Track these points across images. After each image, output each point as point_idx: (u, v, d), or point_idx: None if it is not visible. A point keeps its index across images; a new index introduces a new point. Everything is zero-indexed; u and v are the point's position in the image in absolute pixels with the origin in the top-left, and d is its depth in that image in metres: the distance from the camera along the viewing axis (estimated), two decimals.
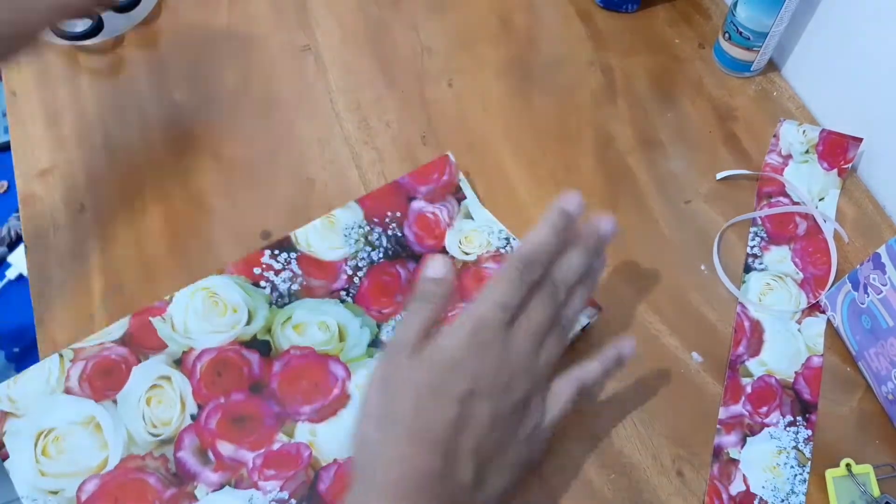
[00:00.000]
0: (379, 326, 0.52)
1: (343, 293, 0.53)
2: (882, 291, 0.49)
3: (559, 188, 0.61)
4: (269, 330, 0.51)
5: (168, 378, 0.48)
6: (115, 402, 0.47)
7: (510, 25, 0.72)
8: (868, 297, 0.50)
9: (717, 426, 0.51)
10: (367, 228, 0.56)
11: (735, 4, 0.64)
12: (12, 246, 1.43)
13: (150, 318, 0.50)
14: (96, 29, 0.65)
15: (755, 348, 0.54)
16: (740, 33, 0.65)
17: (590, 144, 0.64)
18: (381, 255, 0.55)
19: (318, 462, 0.46)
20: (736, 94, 0.68)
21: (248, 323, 0.51)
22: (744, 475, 0.49)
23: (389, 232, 0.56)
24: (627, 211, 0.60)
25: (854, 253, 0.59)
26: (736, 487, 0.48)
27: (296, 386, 0.49)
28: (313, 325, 0.51)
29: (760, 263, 0.58)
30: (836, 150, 0.62)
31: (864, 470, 0.48)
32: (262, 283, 0.53)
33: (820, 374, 0.53)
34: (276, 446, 0.46)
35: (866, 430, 0.51)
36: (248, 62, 0.68)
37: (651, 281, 0.57)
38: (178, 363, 0.49)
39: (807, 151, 0.63)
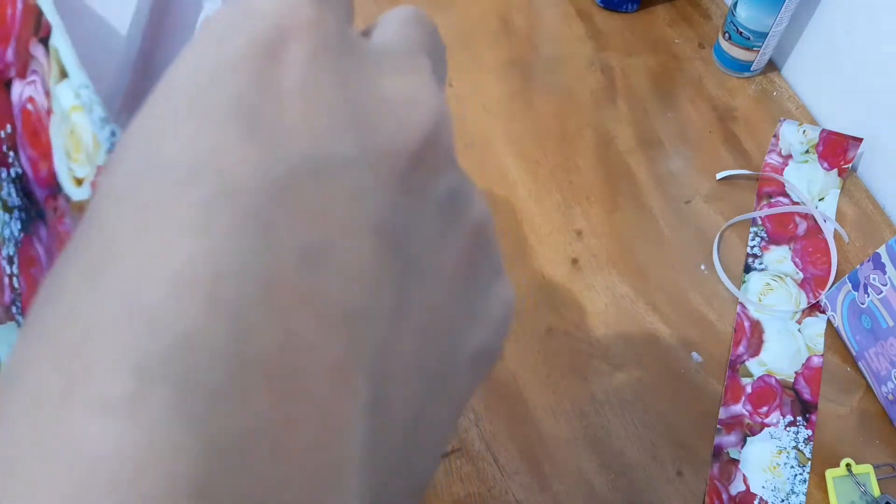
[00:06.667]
0: None
1: (14, 310, 0.34)
2: (882, 291, 0.49)
3: (559, 188, 0.61)
4: None
5: None
6: None
7: (510, 25, 0.72)
8: (868, 297, 0.50)
9: (717, 426, 0.51)
10: None
11: (735, 4, 0.64)
12: None
13: None
14: None
15: (755, 348, 0.54)
16: (740, 33, 0.65)
17: (590, 144, 0.64)
18: (18, 223, 0.32)
19: None
20: (736, 94, 0.68)
21: None
22: (744, 475, 0.49)
23: (12, 171, 0.31)
24: (627, 211, 0.60)
25: (854, 253, 0.59)
26: (736, 487, 0.48)
27: None
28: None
29: (760, 263, 0.58)
30: (836, 150, 0.62)
31: (865, 470, 0.48)
32: None
33: (820, 374, 0.53)
34: None
35: (866, 430, 0.51)
36: None
37: (651, 281, 0.57)
38: None
39: (807, 151, 0.63)
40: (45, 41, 0.27)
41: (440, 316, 0.14)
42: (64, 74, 0.27)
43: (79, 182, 0.27)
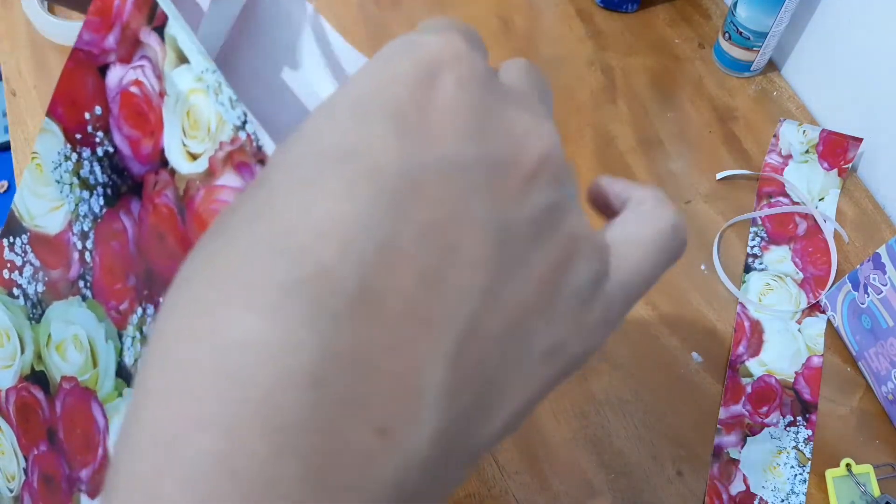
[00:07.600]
0: (120, 337, 0.32)
1: (81, 284, 0.34)
2: (882, 291, 0.49)
3: None
4: (39, 356, 0.37)
5: None
6: None
7: (510, 25, 0.72)
8: (868, 297, 0.50)
9: (717, 426, 0.51)
10: (75, 156, 0.32)
11: (735, 4, 0.64)
12: None
13: None
14: None
15: (755, 348, 0.54)
16: (740, 33, 0.65)
17: (590, 144, 0.64)
18: (100, 199, 0.32)
19: None
20: (736, 94, 0.68)
21: (24, 350, 0.37)
22: (744, 475, 0.49)
23: (100, 151, 0.31)
24: None
25: (854, 253, 0.59)
26: (736, 487, 0.48)
27: (73, 437, 0.35)
28: (69, 341, 0.35)
29: (760, 263, 0.58)
30: (836, 150, 0.62)
31: (865, 470, 0.48)
32: (15, 291, 0.36)
33: (820, 374, 0.53)
34: None
35: (866, 430, 0.51)
36: None
37: None
38: None
39: (807, 151, 0.63)
40: (158, 30, 0.28)
41: (523, 307, 0.16)
42: (181, 60, 0.28)
43: (193, 157, 0.28)
